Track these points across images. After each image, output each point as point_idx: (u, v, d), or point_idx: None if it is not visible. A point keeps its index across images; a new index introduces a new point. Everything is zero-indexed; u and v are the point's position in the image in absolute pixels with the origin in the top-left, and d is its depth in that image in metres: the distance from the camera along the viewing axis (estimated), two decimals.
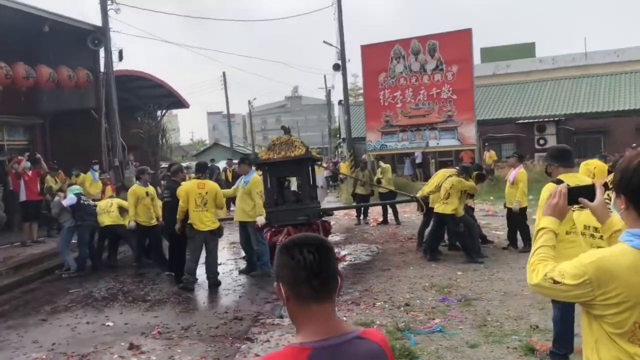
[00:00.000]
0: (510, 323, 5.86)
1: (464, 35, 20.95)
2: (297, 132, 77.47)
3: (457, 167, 9.65)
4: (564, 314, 4.60)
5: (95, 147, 15.24)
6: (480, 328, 5.76)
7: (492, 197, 17.31)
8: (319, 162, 13.02)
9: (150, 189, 9.99)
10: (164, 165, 18.46)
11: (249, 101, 57.33)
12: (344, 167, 24.33)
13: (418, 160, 26.98)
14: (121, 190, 12.22)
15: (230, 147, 48.63)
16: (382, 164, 14.38)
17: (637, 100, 24.11)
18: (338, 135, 45.40)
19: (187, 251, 8.22)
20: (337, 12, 26.00)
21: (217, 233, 8.37)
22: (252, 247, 8.82)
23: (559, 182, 4.59)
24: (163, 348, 5.67)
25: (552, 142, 24.27)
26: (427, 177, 26.02)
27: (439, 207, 9.08)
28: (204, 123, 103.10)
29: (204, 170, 8.75)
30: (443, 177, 9.38)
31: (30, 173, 11.96)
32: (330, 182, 27.12)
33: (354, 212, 15.32)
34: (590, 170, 8.77)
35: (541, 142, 23.92)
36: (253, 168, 9.04)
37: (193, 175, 12.14)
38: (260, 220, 8.62)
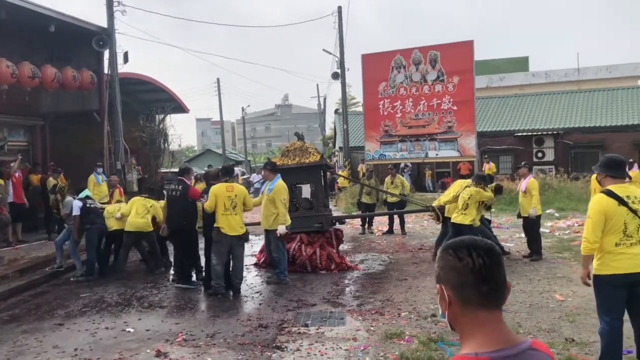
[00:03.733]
0: (543, 336, 5.78)
1: (466, 47, 21.04)
2: (287, 140, 77.36)
3: (472, 178, 9.59)
4: (613, 328, 4.52)
5: (96, 150, 15.01)
6: None
7: (493, 210, 17.26)
8: (332, 170, 12.90)
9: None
10: (164, 170, 18.26)
11: (242, 108, 57.28)
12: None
13: (408, 172, 26.87)
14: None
15: (223, 154, 48.42)
16: (399, 175, 14.48)
17: (633, 116, 24.35)
18: (330, 144, 45.37)
19: (212, 255, 8.00)
20: (338, 20, 26.05)
21: (244, 238, 8.15)
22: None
23: (609, 192, 4.56)
24: (191, 356, 5.50)
25: (549, 155, 24.40)
26: (421, 189, 26.08)
27: (456, 218, 9.00)
28: (190, 129, 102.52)
29: (231, 174, 8.51)
30: (460, 188, 9.32)
31: (17, 175, 12.14)
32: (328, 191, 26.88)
33: (356, 221, 15.24)
34: None
35: (539, 155, 24.04)
36: (279, 175, 8.73)
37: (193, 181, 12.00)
38: (281, 229, 8.36)
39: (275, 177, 8.61)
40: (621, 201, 4.43)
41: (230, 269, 8.15)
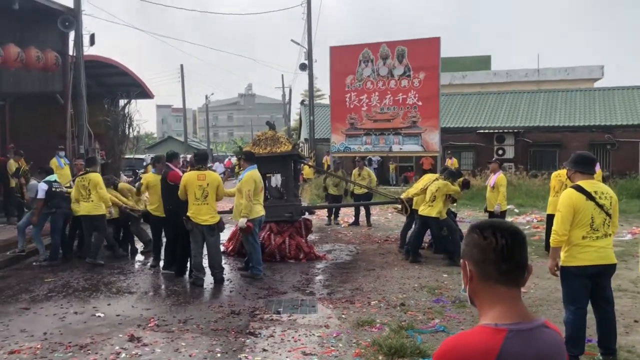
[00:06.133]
0: None
1: (433, 43, 21.33)
2: (249, 130, 76.80)
3: (443, 173, 9.80)
4: (577, 317, 4.74)
5: (58, 133, 14.67)
6: None
7: (455, 204, 17.62)
8: (304, 160, 12.91)
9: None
10: (129, 156, 17.97)
11: (206, 96, 56.63)
12: (306, 168, 24.24)
13: (375, 166, 27.20)
14: None
15: (185, 142, 47.84)
16: (366, 168, 14.62)
17: (590, 117, 25.16)
18: (295, 135, 45.30)
19: (191, 245, 7.88)
20: (307, 11, 26.06)
21: (217, 228, 7.92)
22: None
23: (578, 187, 4.77)
24: (165, 341, 5.50)
25: (510, 152, 25.02)
26: (384, 182, 26.38)
27: (424, 210, 9.19)
28: (150, 116, 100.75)
29: (205, 161, 8.27)
30: (429, 181, 9.51)
31: None
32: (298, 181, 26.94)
33: (322, 212, 15.36)
34: (562, 181, 9.18)
35: (500, 152, 24.61)
36: (254, 165, 8.31)
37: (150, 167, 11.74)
38: (241, 222, 7.97)
39: (248, 167, 8.26)
40: (589, 196, 4.64)
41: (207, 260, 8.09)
